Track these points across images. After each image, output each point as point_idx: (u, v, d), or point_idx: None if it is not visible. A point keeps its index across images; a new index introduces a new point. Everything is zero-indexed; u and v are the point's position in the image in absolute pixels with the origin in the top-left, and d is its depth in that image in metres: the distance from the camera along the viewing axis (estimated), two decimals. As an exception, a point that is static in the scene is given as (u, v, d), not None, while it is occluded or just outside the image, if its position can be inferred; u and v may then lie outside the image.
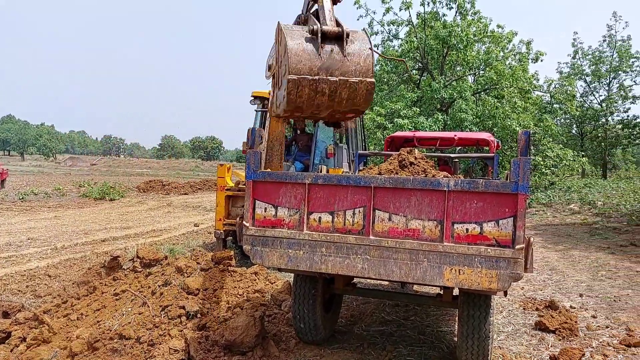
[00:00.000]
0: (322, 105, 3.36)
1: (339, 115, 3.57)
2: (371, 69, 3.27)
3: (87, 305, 5.26)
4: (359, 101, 3.35)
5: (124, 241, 10.62)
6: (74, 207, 17.96)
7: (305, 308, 4.17)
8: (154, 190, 25.70)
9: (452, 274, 2.97)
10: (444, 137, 7.04)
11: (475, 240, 2.96)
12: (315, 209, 3.41)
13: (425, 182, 3.05)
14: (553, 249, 10.55)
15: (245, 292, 5.33)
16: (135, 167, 67.77)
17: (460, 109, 19.04)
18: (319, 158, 8.20)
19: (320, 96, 3.27)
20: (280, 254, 3.47)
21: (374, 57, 3.32)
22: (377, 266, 3.15)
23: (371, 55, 3.28)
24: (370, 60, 3.27)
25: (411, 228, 3.09)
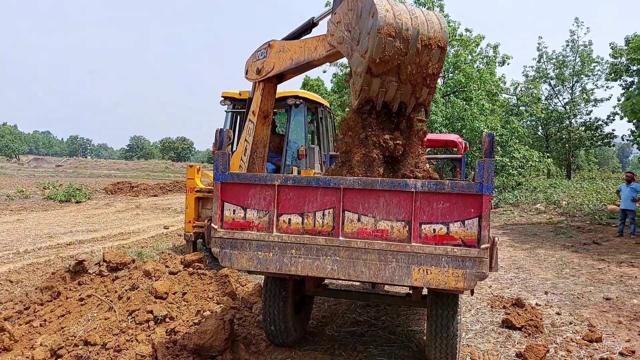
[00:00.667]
0: (405, 61, 3.46)
1: (416, 83, 3.60)
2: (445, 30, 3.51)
3: (50, 311, 5.09)
4: (433, 64, 3.54)
5: (90, 245, 10.31)
6: (38, 209, 17.33)
7: (275, 310, 4.15)
8: (122, 192, 25.06)
9: (420, 273, 3.01)
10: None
11: (442, 241, 3.01)
12: (285, 210, 3.40)
13: (393, 183, 3.08)
14: (520, 247, 10.86)
15: (215, 295, 5.26)
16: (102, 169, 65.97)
17: (431, 111, 19.43)
18: (290, 159, 8.19)
19: (404, 48, 3.39)
20: (250, 256, 3.43)
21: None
22: (347, 267, 3.16)
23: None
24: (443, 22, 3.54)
25: (380, 229, 3.11)
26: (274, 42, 5.08)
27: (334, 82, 25.20)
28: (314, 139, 9.30)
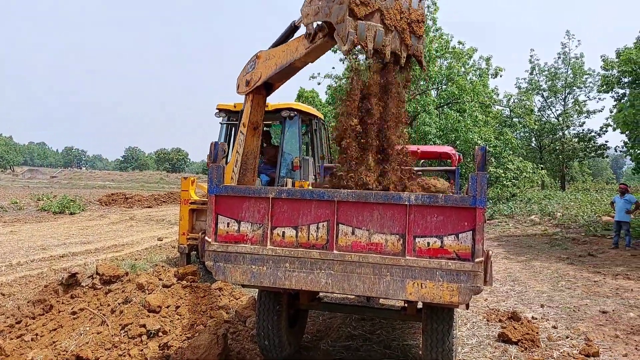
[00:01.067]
0: (386, 5, 3.56)
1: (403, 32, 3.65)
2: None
3: (42, 325, 5.02)
4: (414, 10, 3.67)
5: (83, 257, 10.21)
6: (31, 221, 17.18)
7: (269, 324, 4.11)
8: (116, 204, 24.91)
9: (415, 287, 3.00)
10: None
11: (436, 254, 3.00)
12: (279, 223, 3.38)
13: (387, 196, 3.08)
14: (515, 259, 10.86)
15: (208, 309, 5.21)
16: (97, 180, 65.62)
17: (424, 122, 19.54)
18: (285, 170, 8.19)
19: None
20: (244, 269, 3.41)
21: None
22: (341, 281, 3.14)
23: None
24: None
25: (374, 242, 3.11)
26: (261, 52, 5.12)
27: (329, 94, 25.36)
28: (308, 150, 9.31)
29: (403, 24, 3.65)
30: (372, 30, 3.56)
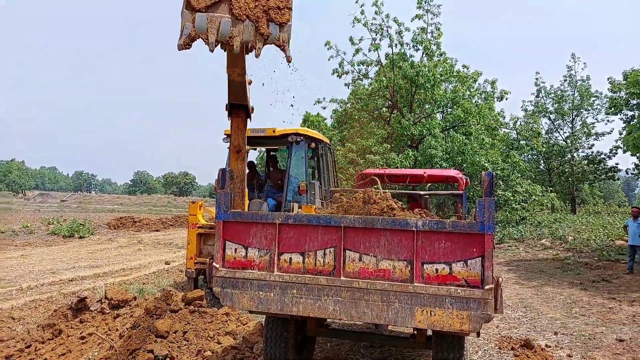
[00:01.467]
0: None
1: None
2: None
3: (52, 350, 5.04)
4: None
5: (92, 281, 10.22)
6: (41, 245, 17.29)
7: (277, 351, 4.07)
8: (124, 227, 25.04)
9: (424, 315, 2.96)
10: (413, 174, 7.20)
11: (445, 281, 2.98)
12: (286, 249, 3.39)
13: (394, 222, 3.09)
14: (527, 285, 10.68)
15: (215, 335, 5.17)
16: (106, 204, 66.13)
17: (430, 145, 19.58)
18: (291, 195, 8.22)
19: None
20: (251, 296, 3.40)
21: None
22: (349, 308, 3.12)
23: None
24: None
25: (382, 268, 3.09)
26: None
27: (334, 119, 25.61)
28: (314, 174, 9.37)
29: (258, 12, 3.42)
30: (215, 22, 3.37)
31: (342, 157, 18.71)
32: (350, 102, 23.57)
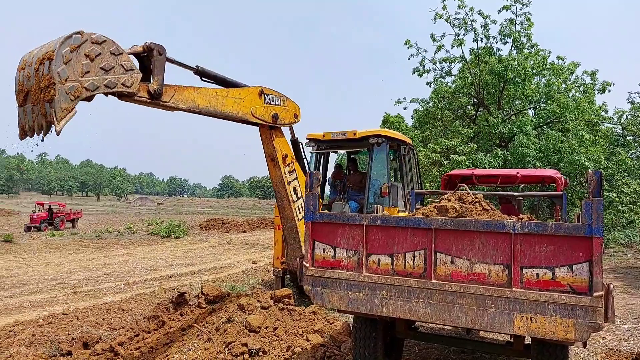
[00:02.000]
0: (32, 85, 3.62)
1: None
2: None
3: (156, 339, 5.49)
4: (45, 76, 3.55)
5: (188, 277, 11.02)
6: (143, 244, 18.98)
7: (366, 351, 4.09)
8: (215, 228, 26.65)
9: (524, 321, 2.81)
10: (505, 175, 6.80)
11: (547, 287, 2.81)
12: (374, 250, 3.40)
13: (489, 224, 2.96)
14: (637, 294, 9.64)
15: (304, 332, 5.31)
16: (197, 206, 70.79)
17: (522, 143, 18.33)
18: (373, 197, 8.18)
19: (28, 73, 3.66)
20: (340, 295, 3.46)
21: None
22: (441, 311, 3.05)
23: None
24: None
25: (476, 272, 2.99)
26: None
27: (415, 119, 25.02)
28: (396, 176, 9.24)
29: (39, 96, 3.55)
30: (27, 114, 3.69)
31: (424, 158, 18.21)
32: (433, 101, 22.85)
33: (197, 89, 4.75)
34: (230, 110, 5.16)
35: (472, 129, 20.64)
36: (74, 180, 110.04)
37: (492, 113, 20.44)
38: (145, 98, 4.10)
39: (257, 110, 5.51)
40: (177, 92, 4.46)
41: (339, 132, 8.38)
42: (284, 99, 5.86)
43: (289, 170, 5.97)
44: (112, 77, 3.72)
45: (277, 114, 5.78)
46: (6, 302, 7.92)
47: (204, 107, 4.79)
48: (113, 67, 3.71)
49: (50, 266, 12.40)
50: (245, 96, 5.36)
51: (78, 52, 3.49)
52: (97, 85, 3.63)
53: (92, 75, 3.60)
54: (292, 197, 6.02)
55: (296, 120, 6.16)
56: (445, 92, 22.23)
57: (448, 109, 22.23)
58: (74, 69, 3.49)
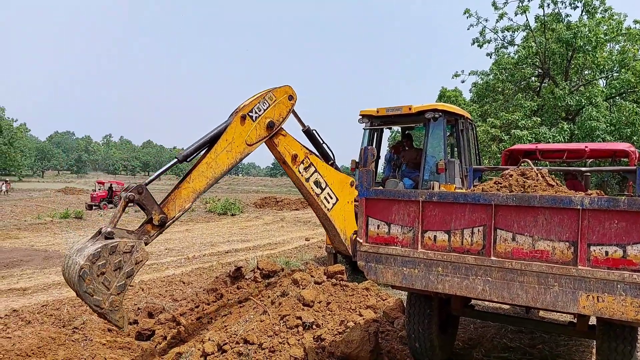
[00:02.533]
0: None
1: None
2: None
3: (215, 311, 5.77)
4: None
5: (244, 253, 11.43)
6: (201, 221, 19.85)
7: (420, 327, 4.08)
8: (268, 206, 27.35)
9: (590, 301, 2.68)
10: (572, 149, 6.39)
11: (616, 265, 2.65)
12: (430, 227, 3.35)
13: (555, 199, 2.82)
14: None
15: (357, 307, 5.37)
16: (252, 185, 72.85)
17: (590, 116, 17.12)
18: (428, 174, 8.00)
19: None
20: (395, 271, 3.45)
21: None
22: (500, 289, 2.97)
23: None
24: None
25: (539, 249, 2.87)
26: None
27: (473, 92, 23.99)
28: (453, 152, 8.97)
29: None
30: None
31: (482, 134, 17.51)
32: (493, 73, 21.77)
33: (189, 179, 4.62)
34: (229, 164, 4.89)
35: (536, 102, 19.53)
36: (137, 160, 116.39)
37: (559, 84, 19.18)
38: (157, 233, 4.27)
39: (250, 137, 5.06)
40: (176, 198, 4.46)
41: (394, 107, 8.22)
42: (268, 95, 5.16)
43: (303, 168, 5.59)
44: (128, 267, 3.89)
45: (272, 120, 5.18)
46: (81, 272, 8.58)
47: (206, 185, 4.70)
48: (121, 260, 3.86)
49: (118, 240, 13.26)
50: (232, 136, 4.89)
51: (93, 279, 3.68)
52: (123, 283, 3.84)
53: (111, 278, 3.78)
54: (315, 192, 5.67)
55: (292, 103, 5.47)
56: (507, 63, 21.10)
57: (510, 81, 21.12)
58: (101, 291, 3.71)
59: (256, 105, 5.03)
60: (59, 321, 5.56)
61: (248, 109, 4.96)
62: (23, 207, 24.50)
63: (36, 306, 6.27)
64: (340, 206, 6.07)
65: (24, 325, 5.35)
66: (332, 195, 5.98)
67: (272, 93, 5.16)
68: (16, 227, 16.10)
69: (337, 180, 6.06)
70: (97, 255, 3.65)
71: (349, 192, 6.28)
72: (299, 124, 5.99)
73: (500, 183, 3.57)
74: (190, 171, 4.68)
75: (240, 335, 4.64)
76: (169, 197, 4.44)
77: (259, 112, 5.06)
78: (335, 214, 6.01)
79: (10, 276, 8.29)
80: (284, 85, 5.31)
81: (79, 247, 3.87)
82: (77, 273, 3.55)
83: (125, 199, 4.01)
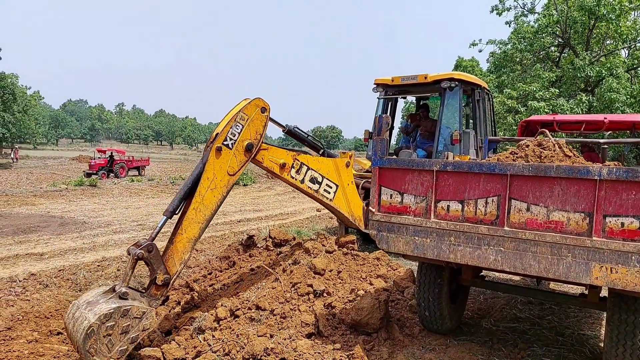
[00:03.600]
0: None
1: None
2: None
3: (227, 278, 5.87)
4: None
5: (256, 222, 11.55)
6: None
7: (430, 296, 4.12)
8: (280, 177, 27.40)
9: (603, 272, 2.67)
10: (590, 121, 6.24)
11: (632, 237, 2.62)
12: (443, 197, 3.33)
13: (572, 169, 2.77)
14: None
15: (368, 276, 5.44)
16: (263, 155, 72.85)
17: (611, 88, 16.63)
18: (442, 145, 7.90)
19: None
20: (407, 240, 3.47)
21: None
22: (513, 259, 2.97)
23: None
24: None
25: (553, 220, 2.84)
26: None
27: (490, 62, 23.39)
28: (468, 123, 8.83)
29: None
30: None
31: (499, 105, 17.16)
32: (512, 42, 21.14)
33: (181, 230, 4.38)
34: (217, 201, 4.60)
35: (555, 73, 18.99)
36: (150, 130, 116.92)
37: (579, 54, 18.60)
38: (162, 294, 4.16)
39: (232, 167, 4.72)
40: (174, 254, 4.29)
41: (409, 75, 8.07)
42: (239, 116, 4.72)
43: (295, 172, 5.30)
44: (134, 333, 3.74)
45: (249, 142, 4.80)
46: (94, 240, 8.79)
47: (200, 231, 4.47)
48: (129, 324, 3.73)
49: (130, 209, 13.50)
50: (213, 172, 4.59)
51: (98, 339, 3.54)
52: (125, 349, 3.68)
53: (115, 341, 3.64)
54: (313, 189, 5.50)
55: (267, 115, 5.03)
56: (526, 32, 20.44)
57: (529, 51, 20.51)
58: (102, 353, 3.57)
59: (229, 131, 4.63)
60: (76, 285, 5.73)
61: (221, 138, 4.60)
62: (39, 175, 24.97)
63: (53, 270, 6.44)
64: (342, 191, 5.99)
65: (42, 289, 5.52)
66: (331, 184, 5.86)
67: (242, 112, 4.73)
68: (32, 194, 16.42)
69: (333, 168, 5.89)
70: (109, 316, 3.57)
71: (347, 174, 6.16)
72: (278, 127, 5.76)
73: (516, 153, 3.51)
74: (179, 222, 4.45)
75: (252, 301, 4.73)
76: (166, 255, 4.26)
77: (233, 138, 4.67)
78: (338, 201, 5.96)
79: (28, 241, 8.52)
80: (254, 99, 4.88)
81: (90, 299, 3.81)
82: (84, 330, 3.48)
83: (135, 257, 3.93)
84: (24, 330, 4.09)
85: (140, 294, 3.99)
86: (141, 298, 3.95)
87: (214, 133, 4.74)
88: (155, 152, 77.26)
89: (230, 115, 4.82)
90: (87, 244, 8.41)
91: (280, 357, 3.51)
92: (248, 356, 3.54)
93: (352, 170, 6.20)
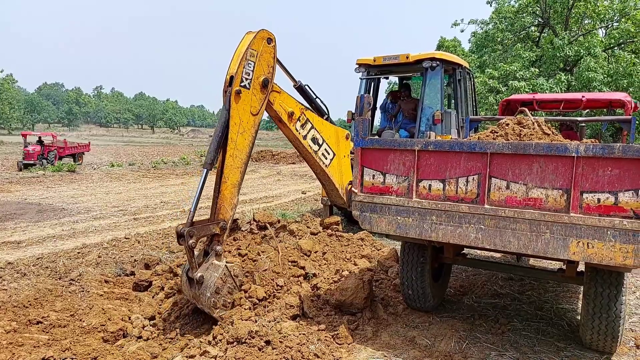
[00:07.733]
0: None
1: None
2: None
3: (212, 261, 5.84)
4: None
5: (240, 206, 11.49)
6: (197, 174, 19.83)
7: (413, 275, 4.18)
8: (265, 160, 27.27)
9: (580, 247, 2.74)
10: (569, 99, 6.33)
11: (607, 212, 2.68)
12: (425, 176, 3.35)
13: (550, 147, 2.81)
14: None
15: (352, 257, 5.48)
16: (246, 138, 72.13)
17: (589, 67, 16.87)
18: (425, 125, 7.93)
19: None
20: (389, 220, 3.49)
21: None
22: (493, 236, 3.02)
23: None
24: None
25: (532, 197, 2.89)
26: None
27: (472, 42, 23.43)
28: (450, 102, 8.86)
29: None
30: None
31: (480, 85, 17.26)
32: (493, 22, 21.18)
33: (224, 178, 4.62)
34: (249, 143, 4.70)
35: (535, 52, 19.13)
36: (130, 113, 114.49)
37: (558, 34, 18.75)
38: (222, 241, 4.64)
39: (254, 107, 4.73)
40: (224, 202, 4.67)
41: (391, 55, 8.02)
42: (249, 53, 4.62)
43: (300, 125, 5.39)
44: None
45: (265, 78, 4.76)
46: (74, 226, 8.63)
47: (241, 174, 4.72)
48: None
49: (111, 194, 13.29)
50: (238, 116, 4.60)
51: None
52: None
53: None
54: (312, 149, 5.59)
55: (274, 46, 4.91)
56: (507, 11, 20.48)
57: (509, 31, 20.59)
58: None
59: (243, 71, 4.59)
60: (55, 273, 5.63)
61: (237, 80, 4.56)
62: (14, 161, 24.29)
63: (31, 259, 6.31)
64: (337, 160, 6.01)
65: (19, 278, 5.41)
66: (330, 150, 5.91)
67: (251, 49, 4.65)
68: (8, 180, 16.01)
69: (334, 135, 5.96)
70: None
71: (345, 145, 6.21)
72: (290, 80, 5.69)
73: (496, 132, 3.55)
74: (221, 171, 4.61)
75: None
76: (218, 205, 4.56)
77: (248, 77, 4.66)
78: (332, 170, 5.97)
79: (4, 229, 8.31)
80: (258, 32, 4.75)
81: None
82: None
83: (189, 248, 4.10)
84: (1, 320, 4.00)
85: (205, 261, 4.33)
86: (213, 262, 4.28)
87: (228, 76, 4.69)
88: (136, 136, 75.91)
89: (238, 53, 4.71)
90: (66, 230, 8.26)
91: (264, 339, 3.53)
92: (232, 340, 3.55)
93: (350, 144, 6.21)
